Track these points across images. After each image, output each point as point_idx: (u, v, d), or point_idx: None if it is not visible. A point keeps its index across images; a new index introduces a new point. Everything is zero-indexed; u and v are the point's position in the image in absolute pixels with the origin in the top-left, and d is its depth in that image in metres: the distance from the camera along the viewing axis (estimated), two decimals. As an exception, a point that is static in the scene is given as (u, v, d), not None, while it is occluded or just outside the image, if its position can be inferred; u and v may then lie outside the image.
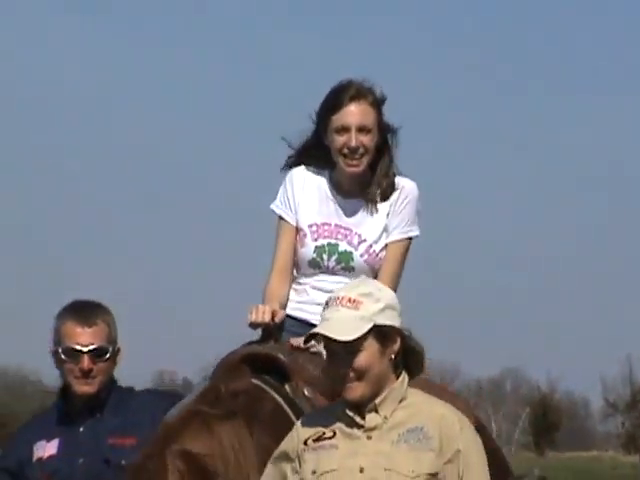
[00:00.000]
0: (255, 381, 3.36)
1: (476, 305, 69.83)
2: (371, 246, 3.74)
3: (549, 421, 45.34)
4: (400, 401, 3.05)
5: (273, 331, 3.59)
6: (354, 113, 3.61)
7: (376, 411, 3.01)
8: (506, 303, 74.75)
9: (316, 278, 3.79)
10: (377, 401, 3.01)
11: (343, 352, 2.97)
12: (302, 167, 3.81)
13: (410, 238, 3.77)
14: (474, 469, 3.02)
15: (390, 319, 3.01)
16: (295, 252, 3.80)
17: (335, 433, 3.00)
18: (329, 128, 3.66)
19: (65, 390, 3.80)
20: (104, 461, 3.65)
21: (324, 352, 3.10)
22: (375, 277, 3.64)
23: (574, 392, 51.99)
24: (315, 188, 3.77)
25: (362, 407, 3.01)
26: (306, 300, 3.79)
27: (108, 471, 3.61)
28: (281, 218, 3.79)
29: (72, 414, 3.76)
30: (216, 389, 3.25)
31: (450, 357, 51.11)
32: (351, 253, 3.73)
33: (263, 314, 3.54)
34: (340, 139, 3.62)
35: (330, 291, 3.48)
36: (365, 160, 3.66)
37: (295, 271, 3.86)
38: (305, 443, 3.02)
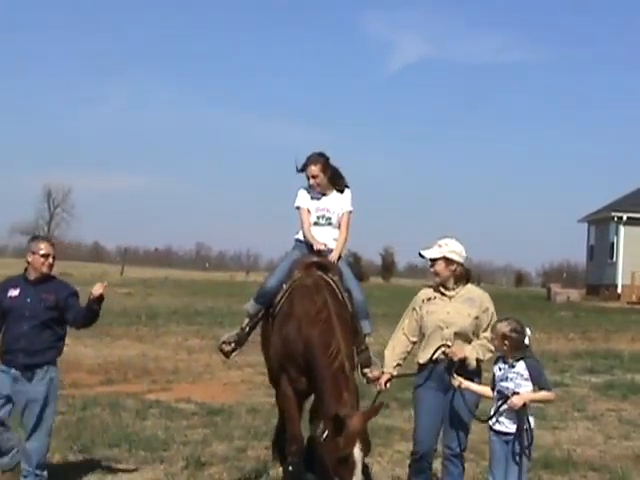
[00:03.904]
0: (320, 273, 7.51)
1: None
2: (337, 213, 8.02)
3: None
4: (464, 286, 6.94)
5: (323, 252, 7.79)
6: (311, 171, 7.94)
7: (453, 289, 6.94)
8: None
9: (314, 228, 7.97)
10: (454, 285, 6.91)
11: (433, 263, 6.93)
12: (303, 187, 8.11)
13: (350, 211, 8.06)
14: (494, 318, 6.89)
15: (451, 255, 6.91)
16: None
17: (436, 297, 6.94)
18: (306, 175, 8.01)
19: (26, 270, 7.44)
20: (39, 301, 7.30)
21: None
22: (339, 225, 8.00)
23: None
24: (309, 194, 8.08)
25: (446, 287, 6.91)
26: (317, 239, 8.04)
27: (41, 306, 7.28)
28: (301, 208, 8.05)
29: (28, 281, 7.40)
30: (306, 282, 7.41)
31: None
32: (330, 217, 8.02)
33: (322, 245, 7.81)
34: (308, 181, 8.01)
35: (319, 234, 7.97)
36: (319, 187, 7.99)
37: None
38: (423, 301, 6.97)
